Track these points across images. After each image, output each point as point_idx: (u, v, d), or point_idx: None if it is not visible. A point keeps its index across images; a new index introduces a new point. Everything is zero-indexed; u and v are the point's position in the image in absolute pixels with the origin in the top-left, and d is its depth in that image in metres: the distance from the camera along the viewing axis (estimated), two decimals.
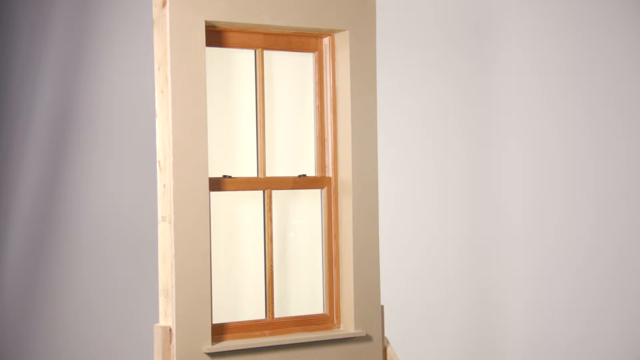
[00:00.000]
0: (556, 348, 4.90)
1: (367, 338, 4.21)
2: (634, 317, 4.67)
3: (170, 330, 3.80)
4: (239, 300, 4.15)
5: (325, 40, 4.27)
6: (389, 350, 4.27)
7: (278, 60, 4.23)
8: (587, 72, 4.80)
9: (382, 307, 4.26)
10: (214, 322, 3.97)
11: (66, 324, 6.79)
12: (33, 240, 7.01)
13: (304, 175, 4.25)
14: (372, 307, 4.22)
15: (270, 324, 4.12)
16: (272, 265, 4.13)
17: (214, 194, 4.02)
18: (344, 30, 4.20)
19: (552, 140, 4.93)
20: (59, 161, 6.86)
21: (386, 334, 4.50)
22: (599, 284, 4.78)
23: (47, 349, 6.90)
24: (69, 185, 6.82)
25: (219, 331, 3.98)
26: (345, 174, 4.22)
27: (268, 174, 4.18)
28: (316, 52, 4.27)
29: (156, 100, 3.88)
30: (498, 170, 5.13)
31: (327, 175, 4.28)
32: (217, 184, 4.02)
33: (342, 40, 4.22)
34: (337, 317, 4.25)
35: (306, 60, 4.28)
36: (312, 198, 4.29)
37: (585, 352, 4.81)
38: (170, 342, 3.80)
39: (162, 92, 3.85)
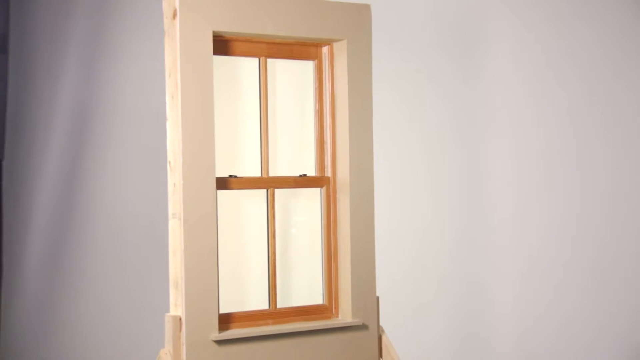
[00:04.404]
0: (542, 341, 4.88)
1: (363, 327, 4.22)
2: (619, 314, 4.65)
3: (180, 319, 3.82)
4: (244, 291, 4.15)
5: (325, 49, 4.28)
6: (384, 338, 4.28)
7: (280, 68, 4.24)
8: (575, 78, 4.78)
9: (378, 298, 4.27)
10: (220, 312, 3.98)
11: (83, 314, 6.78)
12: (52, 238, 6.99)
13: (305, 175, 4.26)
14: (368, 298, 4.23)
15: (273, 314, 4.12)
16: (275, 259, 4.14)
17: (220, 192, 4.03)
18: (341, 40, 4.21)
19: (541, 142, 4.91)
20: (77, 163, 6.84)
21: (381, 323, 4.50)
22: (584, 282, 4.75)
23: (65, 337, 6.88)
24: (85, 185, 6.81)
25: (225, 320, 3.99)
26: (343, 173, 4.23)
27: (271, 174, 4.19)
28: (316, 60, 4.28)
29: (167, 105, 3.89)
30: (488, 171, 5.10)
31: (326, 175, 4.29)
32: (223, 183, 4.04)
33: (340, 49, 4.23)
34: (335, 308, 4.25)
35: (306, 67, 4.29)
36: (312, 196, 4.30)
37: (571, 347, 4.81)
38: (180, 331, 3.82)
39: (173, 97, 3.86)
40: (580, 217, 4.78)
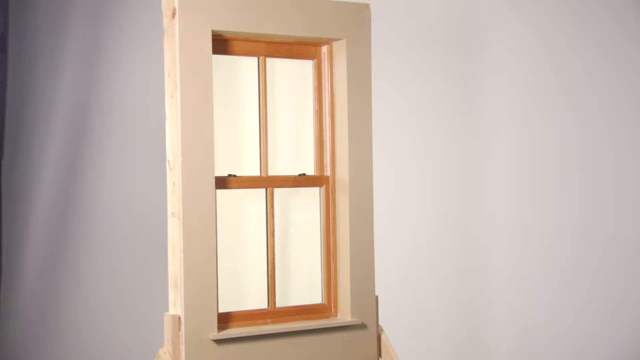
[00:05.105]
0: (541, 340, 4.90)
1: (362, 326, 4.23)
2: (618, 314, 4.67)
3: (180, 318, 3.83)
4: (243, 290, 4.16)
5: (324, 49, 4.29)
6: (382, 337, 4.29)
7: (280, 67, 4.25)
8: (575, 78, 4.81)
9: (377, 297, 4.28)
10: (220, 311, 3.98)
11: (82, 314, 6.79)
12: (51, 237, 7.00)
13: (304, 174, 4.27)
14: (367, 297, 4.24)
15: (272, 313, 4.13)
16: (274, 258, 4.15)
17: (219, 191, 4.03)
18: (341, 39, 4.22)
19: (541, 142, 4.93)
20: (76, 162, 6.85)
21: (380, 323, 4.51)
22: (583, 282, 4.77)
23: (64, 336, 6.90)
24: (84, 184, 6.82)
25: (224, 319, 4.00)
26: (343, 173, 4.24)
27: (270, 173, 4.19)
28: (315, 60, 4.28)
29: (166, 104, 3.90)
30: (488, 171, 5.12)
31: (325, 174, 4.29)
32: (222, 182, 4.04)
33: (340, 48, 4.24)
34: (334, 307, 4.26)
35: (306, 67, 4.30)
36: (312, 196, 4.31)
37: (568, 346, 4.82)
38: (180, 330, 3.83)
39: (172, 96, 3.87)
40: (580, 217, 4.80)
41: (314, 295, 4.28)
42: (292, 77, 4.28)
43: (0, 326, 7.30)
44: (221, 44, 4.04)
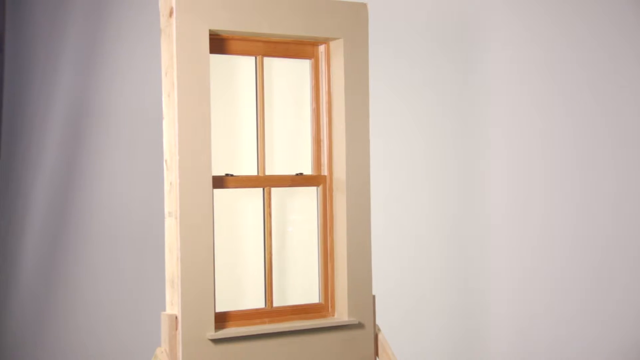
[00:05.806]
0: (539, 340, 4.91)
1: (359, 325, 4.23)
2: (616, 314, 4.67)
3: (176, 318, 3.83)
4: (240, 290, 4.16)
5: (321, 48, 4.29)
6: (380, 337, 4.30)
7: (277, 66, 4.25)
8: (574, 78, 4.81)
9: (374, 296, 4.28)
10: (217, 311, 3.99)
11: (79, 313, 6.80)
12: (48, 237, 7.01)
13: (301, 173, 4.27)
14: (364, 297, 4.24)
15: (270, 313, 4.14)
16: (271, 258, 4.16)
17: (217, 191, 4.04)
18: (338, 39, 4.23)
19: (537, 142, 4.93)
20: (73, 162, 6.87)
21: (377, 322, 4.52)
22: (582, 282, 4.77)
23: (61, 335, 6.91)
24: (82, 184, 6.83)
25: (221, 319, 4.00)
26: (340, 172, 4.24)
27: (267, 173, 4.20)
28: (312, 59, 4.29)
29: (163, 103, 3.90)
30: (486, 171, 5.13)
31: (322, 174, 4.30)
32: (220, 182, 4.05)
33: (337, 48, 4.24)
34: (332, 306, 4.27)
35: (303, 66, 4.30)
36: (309, 195, 4.31)
37: (566, 347, 4.83)
38: (176, 329, 3.83)
39: (169, 96, 3.88)
40: (578, 218, 4.80)
41: (311, 294, 4.28)
42: (289, 76, 4.28)
43: None
44: (218, 43, 4.04)
